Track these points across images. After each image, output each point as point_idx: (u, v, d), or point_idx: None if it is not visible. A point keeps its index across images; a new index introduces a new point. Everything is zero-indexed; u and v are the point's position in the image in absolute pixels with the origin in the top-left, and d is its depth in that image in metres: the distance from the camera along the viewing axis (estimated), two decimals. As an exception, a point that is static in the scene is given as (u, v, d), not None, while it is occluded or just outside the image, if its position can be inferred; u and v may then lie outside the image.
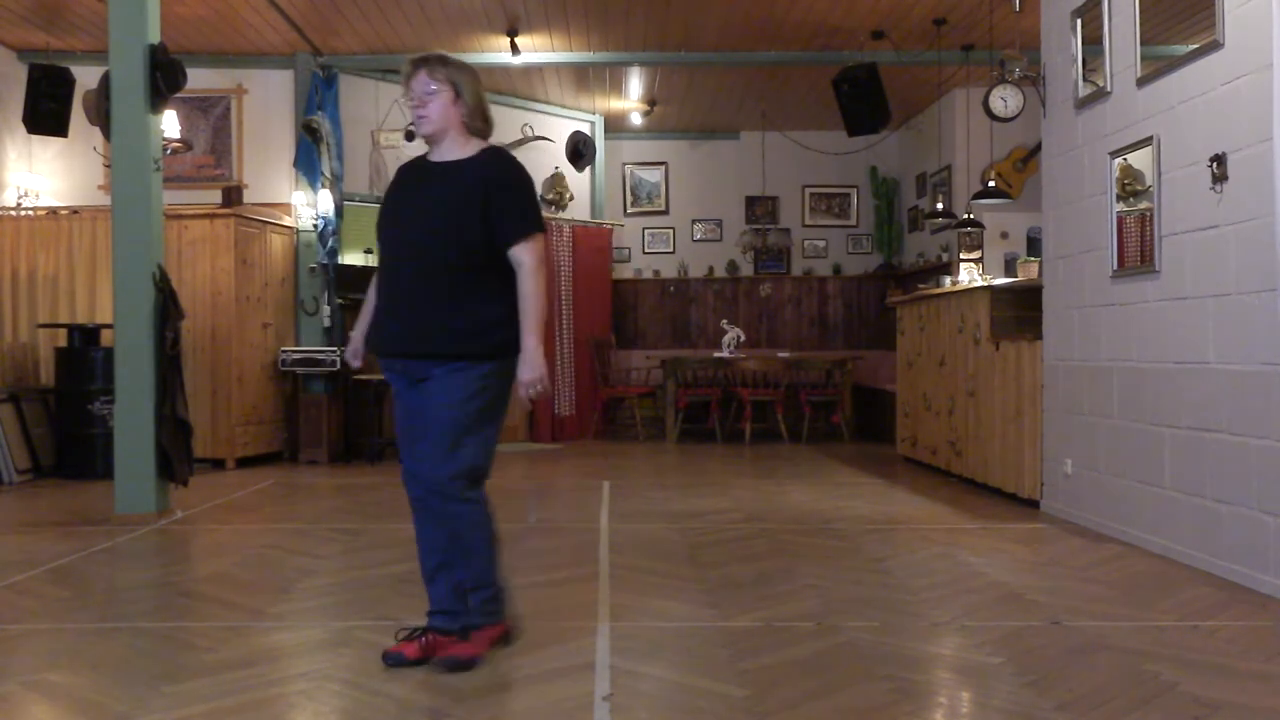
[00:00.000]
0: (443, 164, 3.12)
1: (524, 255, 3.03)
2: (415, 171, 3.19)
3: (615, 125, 11.39)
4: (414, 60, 3.11)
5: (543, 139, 10.50)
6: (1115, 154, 5.09)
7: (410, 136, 3.33)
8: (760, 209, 11.99)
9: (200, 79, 8.25)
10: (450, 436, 3.01)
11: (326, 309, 8.83)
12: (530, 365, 3.02)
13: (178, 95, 6.16)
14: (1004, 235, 9.65)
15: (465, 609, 3.15)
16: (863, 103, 8.15)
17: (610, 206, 11.67)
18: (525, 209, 3.06)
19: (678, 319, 12.01)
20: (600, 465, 8.32)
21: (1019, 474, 6.05)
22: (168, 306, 5.65)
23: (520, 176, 3.11)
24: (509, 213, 3.03)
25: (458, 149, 3.12)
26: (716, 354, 10.37)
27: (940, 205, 9.70)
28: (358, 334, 3.29)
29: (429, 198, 3.08)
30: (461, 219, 3.01)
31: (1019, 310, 6.29)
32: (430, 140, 3.15)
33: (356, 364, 3.38)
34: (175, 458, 5.67)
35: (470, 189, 3.03)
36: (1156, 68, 4.75)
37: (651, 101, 10.64)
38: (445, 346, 3.01)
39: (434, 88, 3.06)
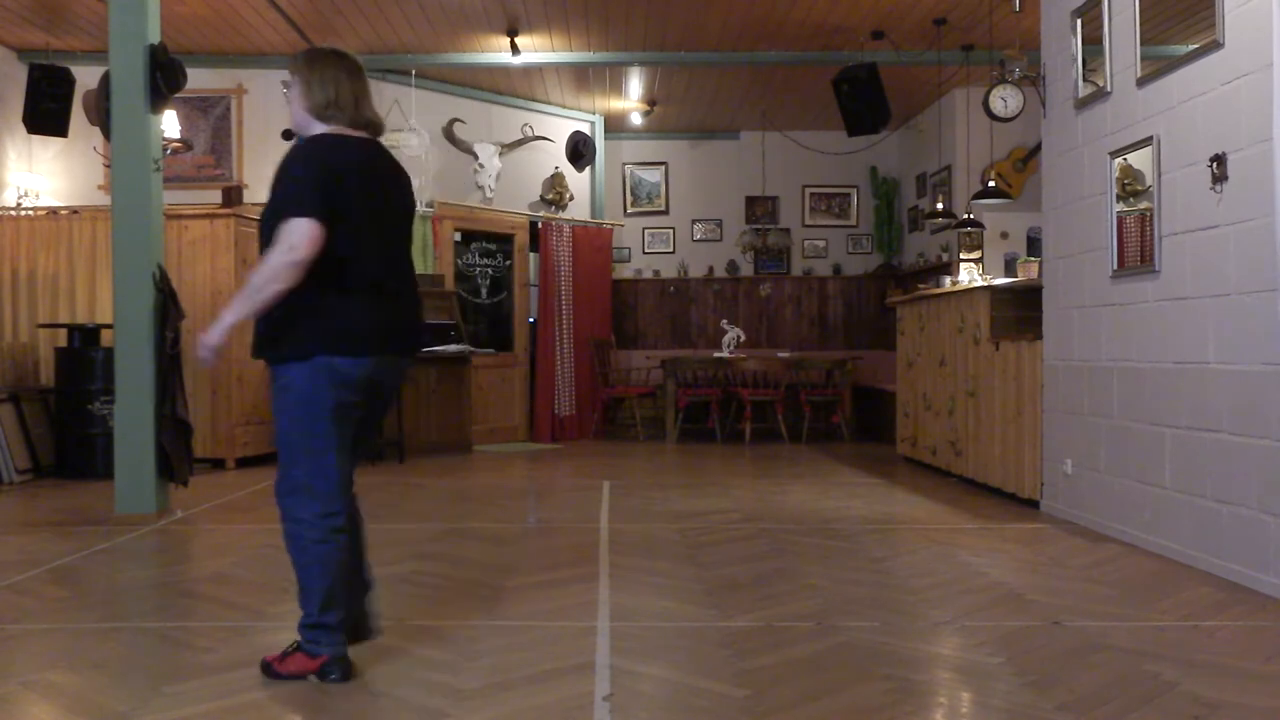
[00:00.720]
0: None
1: (278, 234, 2.80)
2: None
3: (615, 125, 11.38)
4: None
5: (543, 139, 10.51)
6: (1115, 154, 5.09)
7: (286, 133, 3.24)
8: (760, 209, 11.99)
9: (200, 79, 8.25)
10: (281, 446, 2.96)
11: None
12: (210, 330, 2.87)
13: (178, 95, 6.15)
14: (1004, 235, 9.65)
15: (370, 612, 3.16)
16: (863, 103, 8.14)
17: (610, 206, 11.67)
18: (287, 191, 2.84)
19: (678, 319, 12.01)
20: (600, 465, 8.31)
21: (1019, 474, 6.06)
22: (168, 306, 5.65)
23: (293, 159, 2.90)
24: (275, 196, 2.87)
25: None
26: (716, 354, 10.38)
27: (940, 205, 9.69)
28: None
29: None
30: (266, 215, 2.92)
31: (1019, 310, 6.29)
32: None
33: None
34: (175, 458, 5.66)
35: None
36: (1156, 68, 4.75)
37: (651, 101, 10.64)
38: (256, 350, 2.95)
39: (288, 83, 3.02)
